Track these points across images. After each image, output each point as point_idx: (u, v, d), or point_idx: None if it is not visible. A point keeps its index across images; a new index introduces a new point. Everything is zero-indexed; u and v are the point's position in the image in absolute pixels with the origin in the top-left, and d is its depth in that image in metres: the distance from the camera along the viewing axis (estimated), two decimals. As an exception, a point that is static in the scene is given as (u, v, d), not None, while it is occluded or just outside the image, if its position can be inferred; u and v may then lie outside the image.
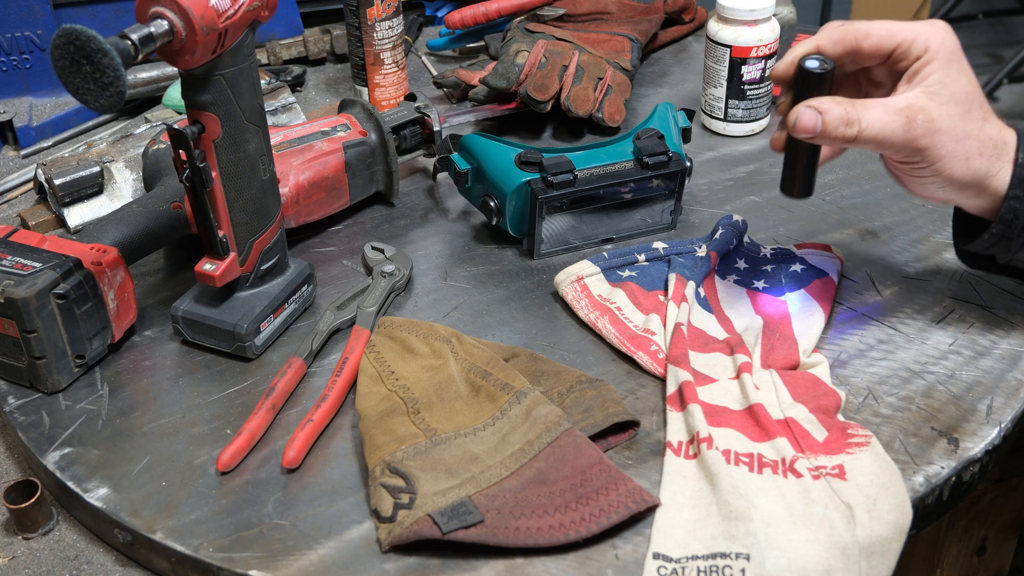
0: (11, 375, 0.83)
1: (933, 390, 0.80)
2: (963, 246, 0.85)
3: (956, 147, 0.76)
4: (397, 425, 0.74)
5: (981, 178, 0.77)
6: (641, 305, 0.87)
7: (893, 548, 0.68)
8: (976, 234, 0.82)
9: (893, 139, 0.75)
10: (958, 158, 0.76)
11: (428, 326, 0.82)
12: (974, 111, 0.76)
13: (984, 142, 0.77)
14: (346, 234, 1.01)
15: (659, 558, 0.67)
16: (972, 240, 0.82)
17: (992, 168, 0.77)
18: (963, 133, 0.76)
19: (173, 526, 0.71)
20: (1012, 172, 0.77)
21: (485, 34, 1.30)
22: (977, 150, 0.76)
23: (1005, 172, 0.77)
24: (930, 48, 0.75)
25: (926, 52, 0.75)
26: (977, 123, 0.76)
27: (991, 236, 0.80)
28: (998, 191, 0.78)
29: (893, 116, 0.75)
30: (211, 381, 0.83)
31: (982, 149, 0.77)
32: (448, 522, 0.67)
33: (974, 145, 0.76)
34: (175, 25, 0.70)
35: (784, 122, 0.78)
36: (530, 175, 0.92)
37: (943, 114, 0.75)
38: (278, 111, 1.15)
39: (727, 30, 1.10)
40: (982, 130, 0.77)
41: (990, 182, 0.77)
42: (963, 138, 0.76)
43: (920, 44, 0.75)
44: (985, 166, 0.77)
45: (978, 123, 0.76)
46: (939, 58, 0.75)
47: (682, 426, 0.75)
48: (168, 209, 0.91)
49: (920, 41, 0.75)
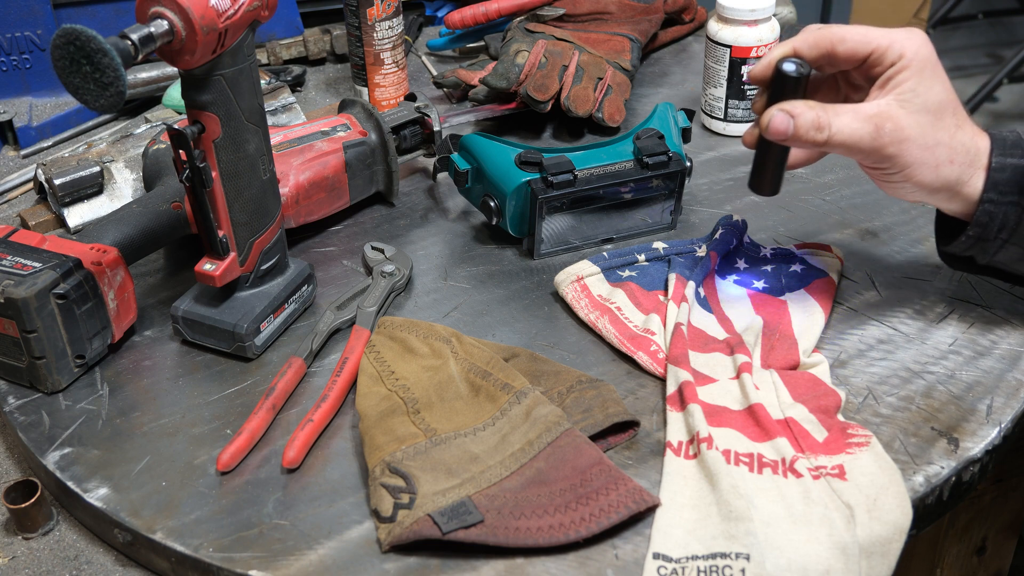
0: (11, 375, 0.83)
1: (933, 390, 0.80)
2: (943, 248, 0.85)
3: (925, 154, 0.76)
4: (397, 425, 0.74)
5: (952, 184, 0.78)
6: (641, 305, 0.87)
7: (893, 548, 0.68)
8: (956, 235, 0.82)
9: (861, 145, 0.76)
10: (927, 165, 0.76)
11: (428, 326, 0.82)
12: (946, 119, 0.77)
13: (956, 149, 0.77)
14: (346, 234, 1.01)
15: (659, 558, 0.67)
16: (952, 242, 0.82)
17: (964, 175, 0.77)
18: (933, 141, 0.76)
19: (173, 526, 0.71)
20: (985, 177, 0.77)
21: (485, 34, 1.30)
22: (947, 157, 0.77)
23: (978, 178, 0.78)
24: (904, 56, 0.75)
25: (900, 59, 0.76)
26: (949, 131, 0.77)
27: (968, 238, 0.80)
28: (971, 196, 0.78)
29: (862, 123, 0.75)
30: (211, 381, 0.83)
31: (953, 156, 0.77)
32: (448, 522, 0.67)
33: (944, 152, 0.77)
34: (175, 25, 0.70)
35: (758, 122, 0.78)
36: (530, 175, 0.92)
37: (912, 123, 0.76)
38: (278, 111, 1.15)
39: (727, 30, 1.10)
40: (954, 138, 0.77)
41: (963, 188, 0.78)
42: (933, 146, 0.76)
43: (895, 51, 0.76)
44: (956, 172, 0.77)
45: (950, 131, 0.77)
46: (912, 66, 0.75)
47: (682, 426, 0.75)
48: (168, 209, 0.91)
49: (895, 48, 0.76)
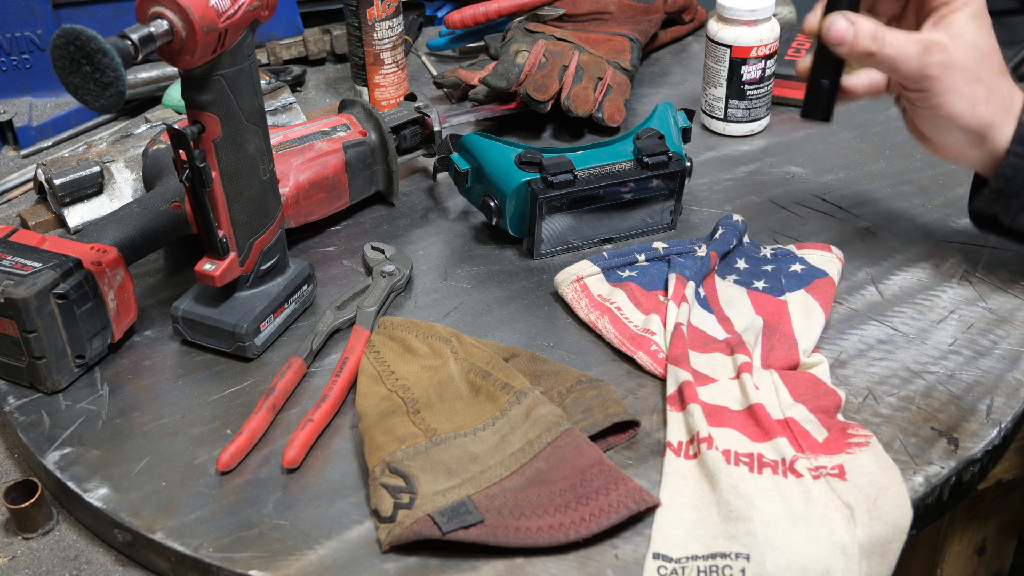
0: (11, 375, 0.83)
1: (933, 390, 0.80)
2: (970, 203, 0.87)
3: (965, 87, 0.79)
4: (397, 425, 0.74)
5: (985, 126, 0.80)
6: (641, 305, 0.87)
7: (893, 548, 0.68)
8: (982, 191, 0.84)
9: (908, 63, 0.79)
10: (965, 97, 0.79)
11: (428, 326, 0.82)
12: (991, 62, 0.80)
13: (993, 91, 0.80)
14: (346, 234, 1.01)
15: (659, 558, 0.67)
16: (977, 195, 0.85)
17: (997, 119, 0.80)
18: (974, 76, 0.79)
19: (173, 526, 0.71)
20: (1015, 129, 0.80)
21: (485, 34, 1.30)
22: (984, 97, 0.79)
23: (1009, 127, 0.80)
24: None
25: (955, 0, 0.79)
26: (991, 73, 0.80)
27: (991, 192, 0.82)
28: (999, 145, 0.80)
29: (913, 43, 0.79)
30: (211, 381, 0.83)
31: (990, 97, 0.80)
32: (448, 522, 0.67)
33: (982, 91, 0.79)
34: (175, 25, 0.70)
35: (812, 46, 0.83)
36: (530, 175, 0.92)
37: (959, 55, 0.78)
38: (278, 111, 1.15)
39: (727, 30, 1.10)
40: (994, 80, 0.80)
41: (993, 133, 0.80)
42: (974, 81, 0.79)
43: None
44: (990, 115, 0.80)
45: (992, 73, 0.80)
46: (968, 8, 0.79)
47: (682, 426, 0.75)
48: (168, 209, 0.91)
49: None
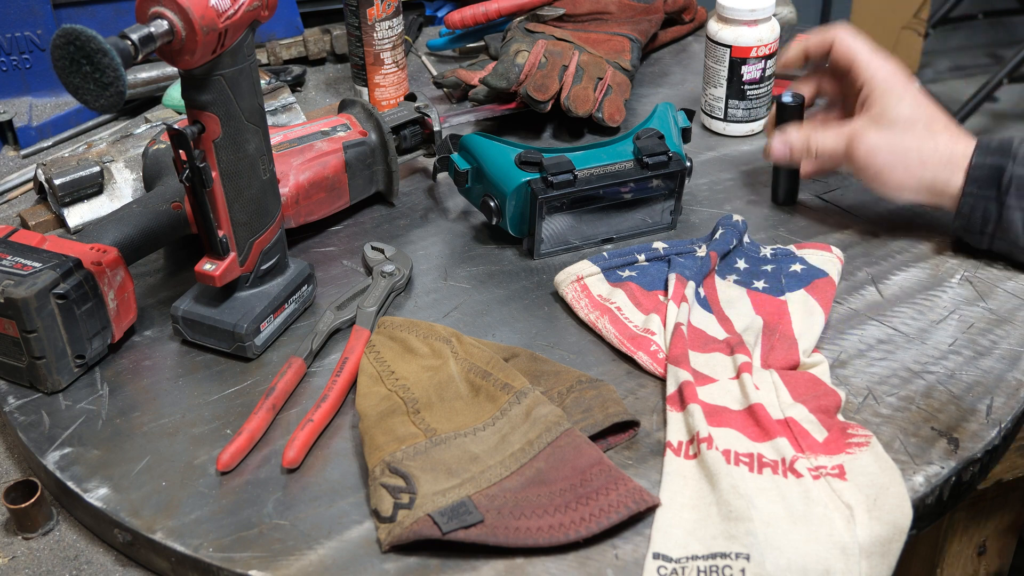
0: (11, 375, 0.83)
1: (933, 390, 0.80)
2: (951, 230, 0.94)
3: (894, 160, 0.89)
4: (397, 425, 0.74)
5: (928, 185, 0.89)
6: (641, 305, 0.87)
7: (893, 548, 0.68)
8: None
9: (837, 158, 0.93)
10: (897, 168, 0.89)
11: (428, 326, 0.82)
12: (916, 130, 0.89)
13: (926, 154, 0.88)
14: (346, 234, 1.01)
15: (659, 558, 0.67)
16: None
17: (940, 176, 0.88)
18: (902, 149, 0.89)
19: (173, 526, 0.71)
20: (965, 174, 0.87)
21: (485, 34, 1.30)
22: (918, 161, 0.88)
23: (958, 177, 0.87)
24: (870, 80, 0.91)
25: (866, 84, 0.91)
26: (919, 139, 0.89)
27: (955, 228, 0.90)
28: (953, 190, 0.88)
29: (838, 139, 0.92)
30: (211, 381, 0.83)
31: (924, 160, 0.88)
32: (448, 522, 0.67)
33: (915, 157, 0.89)
34: (175, 25, 0.70)
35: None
36: (530, 175, 0.92)
37: (879, 136, 0.89)
38: (278, 111, 1.15)
39: (727, 30, 1.10)
40: (924, 144, 0.88)
41: (944, 188, 0.88)
42: (902, 152, 0.89)
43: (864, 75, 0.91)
44: (930, 175, 0.88)
45: (920, 139, 0.89)
46: (877, 90, 0.90)
47: (682, 426, 0.75)
48: (168, 209, 0.91)
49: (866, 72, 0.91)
